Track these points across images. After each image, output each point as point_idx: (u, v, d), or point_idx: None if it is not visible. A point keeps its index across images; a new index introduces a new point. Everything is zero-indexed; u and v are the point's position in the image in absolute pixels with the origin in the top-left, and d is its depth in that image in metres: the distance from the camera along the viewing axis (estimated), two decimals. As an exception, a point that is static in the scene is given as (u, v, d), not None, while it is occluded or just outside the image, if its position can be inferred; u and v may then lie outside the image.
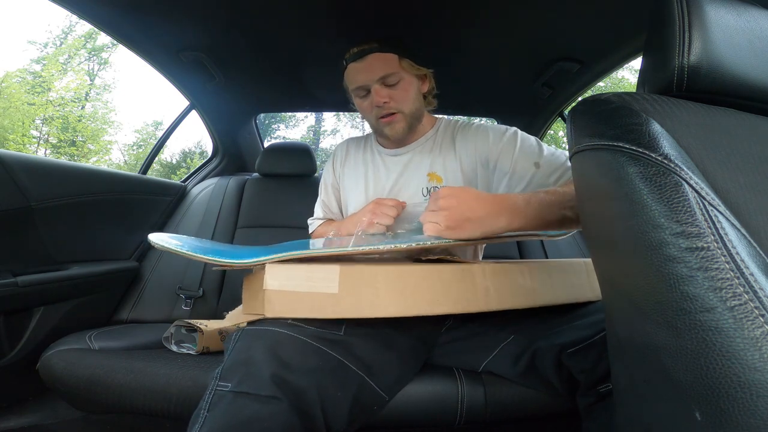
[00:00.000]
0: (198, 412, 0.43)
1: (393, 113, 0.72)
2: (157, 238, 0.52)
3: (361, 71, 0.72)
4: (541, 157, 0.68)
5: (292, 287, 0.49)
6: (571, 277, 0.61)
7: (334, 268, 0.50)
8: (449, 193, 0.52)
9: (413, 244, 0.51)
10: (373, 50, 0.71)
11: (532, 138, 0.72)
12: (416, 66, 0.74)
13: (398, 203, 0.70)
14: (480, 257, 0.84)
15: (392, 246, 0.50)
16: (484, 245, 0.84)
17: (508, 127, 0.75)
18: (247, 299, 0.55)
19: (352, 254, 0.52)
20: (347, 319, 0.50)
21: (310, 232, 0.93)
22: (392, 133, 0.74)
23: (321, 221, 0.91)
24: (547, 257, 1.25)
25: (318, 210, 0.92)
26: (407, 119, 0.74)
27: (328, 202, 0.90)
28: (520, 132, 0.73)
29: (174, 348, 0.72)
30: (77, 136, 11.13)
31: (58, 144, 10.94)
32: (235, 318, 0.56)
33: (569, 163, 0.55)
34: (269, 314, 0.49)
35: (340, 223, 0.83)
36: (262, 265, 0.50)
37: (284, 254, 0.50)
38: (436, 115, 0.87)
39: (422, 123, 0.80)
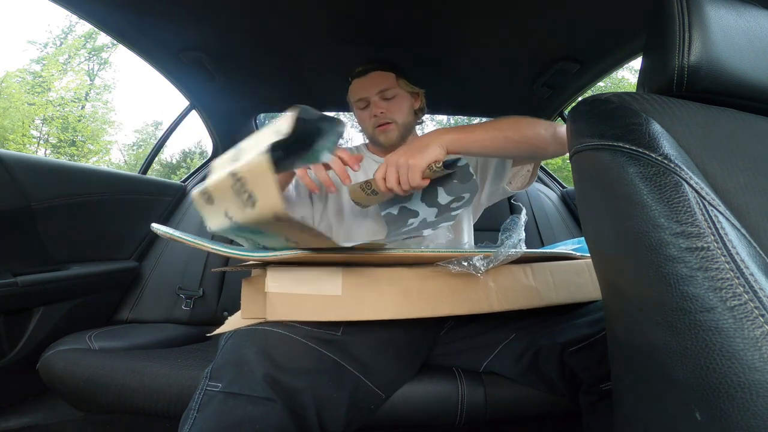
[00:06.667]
0: (188, 413, 0.42)
1: (388, 123, 0.81)
2: (160, 227, 0.50)
3: (363, 85, 0.82)
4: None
5: (294, 290, 0.48)
6: (574, 277, 0.61)
7: (337, 271, 0.50)
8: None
9: (428, 252, 0.51)
10: (375, 68, 0.82)
11: None
12: (410, 85, 0.85)
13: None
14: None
15: (405, 251, 0.49)
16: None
17: None
18: (247, 303, 0.54)
19: (360, 256, 0.50)
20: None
21: None
22: (386, 141, 0.83)
23: None
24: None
25: None
26: (400, 129, 0.82)
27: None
28: None
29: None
30: (77, 136, 11.12)
31: (58, 144, 10.93)
32: (235, 323, 0.56)
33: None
34: (271, 317, 0.48)
35: None
36: (263, 269, 0.49)
37: (287, 252, 0.47)
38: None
39: (411, 136, 0.89)
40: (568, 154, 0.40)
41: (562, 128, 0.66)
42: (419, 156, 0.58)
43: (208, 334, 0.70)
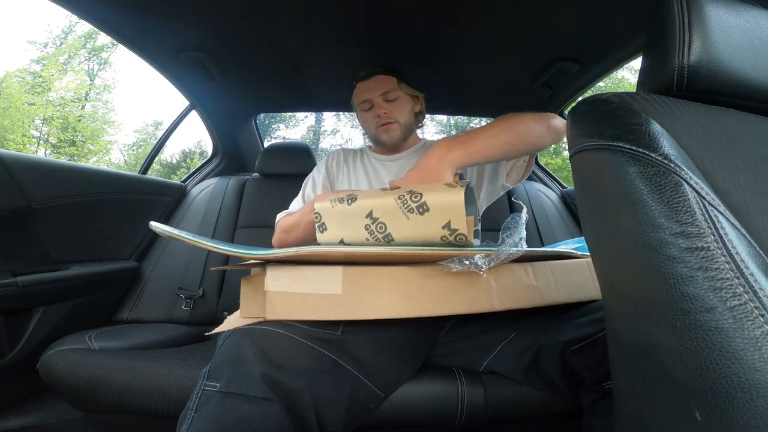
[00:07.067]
0: (185, 413, 0.42)
1: (391, 122, 0.86)
2: (159, 225, 0.50)
3: (367, 88, 0.87)
4: None
5: (293, 288, 0.48)
6: (575, 276, 0.61)
7: (337, 269, 0.49)
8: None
9: (426, 250, 0.50)
10: (378, 72, 0.88)
11: None
12: (411, 88, 0.90)
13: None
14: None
15: (412, 250, 0.49)
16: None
17: None
18: (246, 302, 0.54)
19: (360, 254, 0.50)
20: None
21: (277, 221, 0.84)
22: (388, 139, 0.87)
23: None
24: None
25: (295, 206, 0.88)
26: (402, 128, 0.87)
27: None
28: None
29: None
30: (77, 136, 11.11)
31: (58, 144, 10.92)
32: (234, 322, 0.56)
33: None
34: (270, 316, 0.48)
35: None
36: (262, 267, 0.49)
37: (286, 251, 0.48)
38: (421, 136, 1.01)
39: (413, 136, 0.94)
40: (567, 154, 0.40)
41: (554, 119, 0.67)
42: None
43: (207, 333, 0.70)
